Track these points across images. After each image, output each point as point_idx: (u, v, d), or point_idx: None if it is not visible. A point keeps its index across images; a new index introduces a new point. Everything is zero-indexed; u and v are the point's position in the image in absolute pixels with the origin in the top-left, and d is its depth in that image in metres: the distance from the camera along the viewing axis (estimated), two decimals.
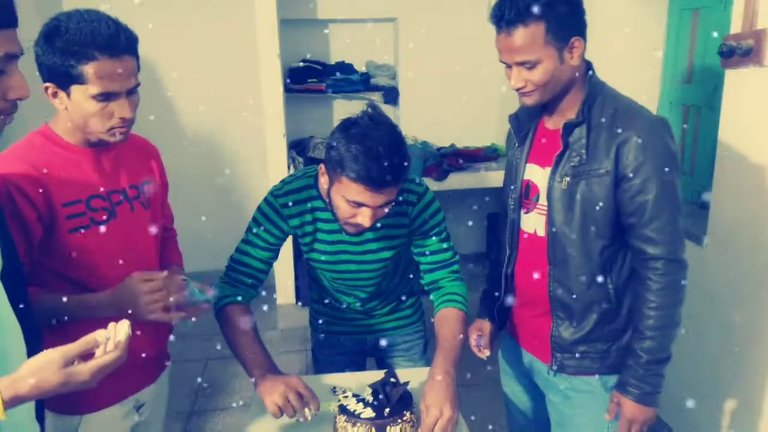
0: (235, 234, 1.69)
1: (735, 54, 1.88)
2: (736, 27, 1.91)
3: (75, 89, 1.15)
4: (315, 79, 4.12)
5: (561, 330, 1.39)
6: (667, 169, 1.23)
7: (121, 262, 1.28)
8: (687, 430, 2.32)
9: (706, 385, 2.16)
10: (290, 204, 1.45)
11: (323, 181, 1.35)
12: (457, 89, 4.30)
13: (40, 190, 1.16)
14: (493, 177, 3.96)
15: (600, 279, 1.33)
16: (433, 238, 1.48)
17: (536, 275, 1.40)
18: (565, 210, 1.31)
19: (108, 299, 1.19)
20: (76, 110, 1.17)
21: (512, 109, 1.49)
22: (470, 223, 4.73)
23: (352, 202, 1.26)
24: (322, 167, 1.34)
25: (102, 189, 1.27)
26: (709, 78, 2.46)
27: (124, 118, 1.19)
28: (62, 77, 1.14)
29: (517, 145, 1.45)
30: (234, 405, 2.87)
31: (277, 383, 1.27)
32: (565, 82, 1.29)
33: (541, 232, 1.38)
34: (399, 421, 1.23)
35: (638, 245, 1.28)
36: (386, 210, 1.31)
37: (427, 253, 1.49)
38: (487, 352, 1.61)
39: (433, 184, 3.85)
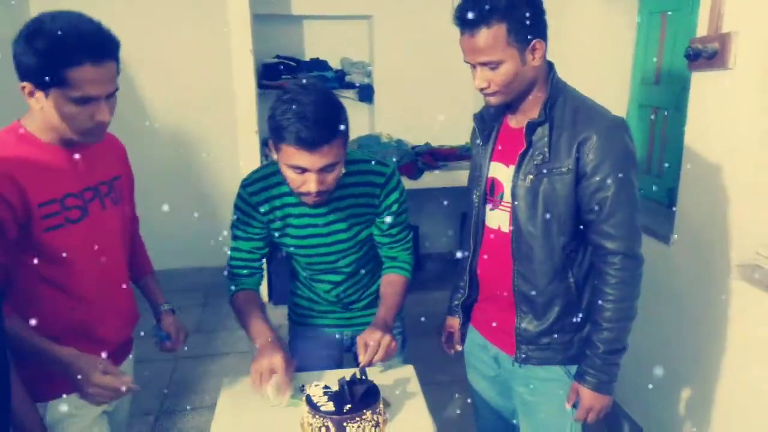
0: (207, 232, 1.67)
1: (701, 57, 1.91)
2: (702, 30, 1.94)
3: (54, 91, 1.13)
4: (289, 76, 4.07)
5: (525, 323, 1.43)
6: (624, 167, 1.27)
7: (96, 258, 1.28)
8: (653, 426, 2.37)
9: (672, 382, 2.21)
10: (258, 191, 1.49)
11: (275, 156, 1.36)
12: (432, 88, 4.31)
13: (17, 191, 1.14)
14: (467, 176, 3.98)
15: (562, 274, 1.37)
16: (389, 217, 1.54)
17: (501, 271, 1.44)
18: (529, 207, 1.35)
19: (65, 359, 1.16)
20: (53, 111, 1.16)
21: None
22: (443, 221, 4.75)
23: (294, 167, 1.30)
24: (271, 143, 1.36)
25: (76, 187, 1.26)
26: (677, 80, 2.51)
27: (102, 121, 1.18)
28: (42, 79, 1.12)
29: (480, 143, 1.50)
30: (202, 405, 2.83)
31: (263, 358, 1.37)
32: (528, 82, 1.32)
33: (506, 228, 1.42)
34: (357, 418, 1.22)
35: (597, 240, 1.32)
36: (333, 174, 1.34)
37: (382, 229, 1.57)
38: (458, 347, 1.66)
39: (407, 183, 3.85)
